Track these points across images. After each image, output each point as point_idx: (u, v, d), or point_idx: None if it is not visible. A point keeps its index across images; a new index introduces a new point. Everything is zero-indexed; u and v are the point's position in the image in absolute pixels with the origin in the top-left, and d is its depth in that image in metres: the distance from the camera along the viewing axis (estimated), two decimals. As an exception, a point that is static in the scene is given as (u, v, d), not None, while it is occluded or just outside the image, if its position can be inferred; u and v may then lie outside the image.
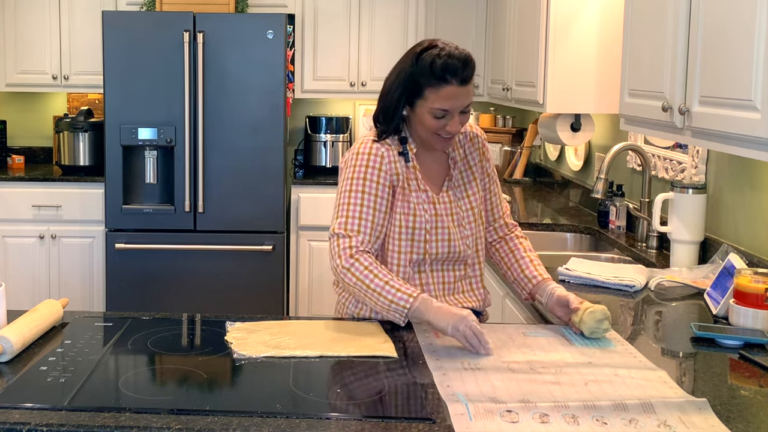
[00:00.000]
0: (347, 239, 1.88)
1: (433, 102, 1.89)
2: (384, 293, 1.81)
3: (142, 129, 4.21)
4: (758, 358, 1.74)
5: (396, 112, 1.95)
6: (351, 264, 1.86)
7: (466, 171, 2.08)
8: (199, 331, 1.93)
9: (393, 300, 1.81)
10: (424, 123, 1.93)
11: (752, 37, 1.77)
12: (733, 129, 1.85)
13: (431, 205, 1.99)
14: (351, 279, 1.85)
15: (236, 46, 4.18)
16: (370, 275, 1.83)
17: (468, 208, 2.05)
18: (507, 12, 4.05)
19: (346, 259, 1.86)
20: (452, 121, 1.92)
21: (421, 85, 1.89)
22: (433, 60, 1.87)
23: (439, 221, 1.99)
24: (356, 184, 1.93)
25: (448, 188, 2.04)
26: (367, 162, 1.94)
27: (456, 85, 1.87)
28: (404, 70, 1.92)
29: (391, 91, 1.95)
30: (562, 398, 1.46)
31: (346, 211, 1.91)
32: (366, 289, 1.83)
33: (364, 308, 2.04)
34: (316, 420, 1.37)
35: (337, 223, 1.91)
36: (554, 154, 4.46)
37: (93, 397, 1.46)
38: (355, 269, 1.85)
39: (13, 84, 4.82)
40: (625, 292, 2.30)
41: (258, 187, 4.26)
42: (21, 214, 4.55)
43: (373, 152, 1.95)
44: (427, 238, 1.98)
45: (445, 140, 1.97)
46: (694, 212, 2.60)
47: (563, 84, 3.31)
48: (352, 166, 1.96)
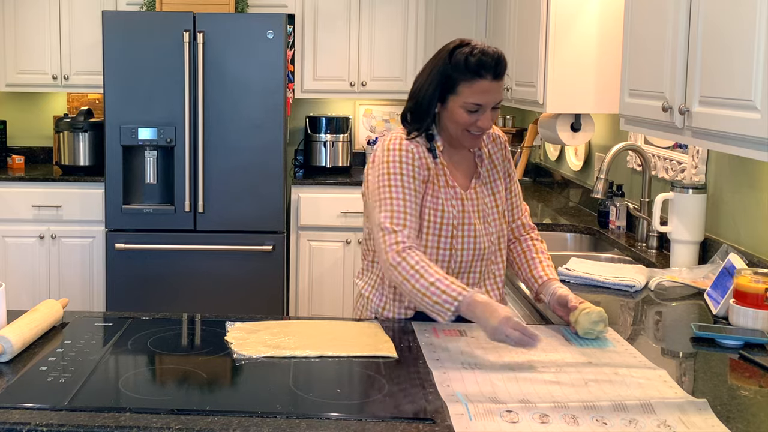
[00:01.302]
0: (394, 234, 1.88)
1: (466, 96, 1.91)
2: (429, 294, 1.80)
3: (142, 129, 4.21)
4: (758, 358, 1.74)
5: (429, 108, 1.97)
6: (398, 262, 1.85)
7: (491, 169, 2.11)
8: (199, 331, 1.93)
9: (437, 301, 1.80)
10: (456, 119, 1.95)
11: (752, 37, 1.77)
12: (733, 129, 1.85)
13: (459, 201, 2.01)
14: (398, 277, 1.86)
15: (236, 46, 4.18)
16: (416, 275, 1.83)
17: (493, 205, 2.08)
18: (507, 12, 4.05)
19: (393, 257, 1.86)
20: (484, 116, 1.94)
21: (454, 80, 1.92)
22: (467, 56, 1.90)
23: (466, 217, 2.01)
24: (395, 178, 1.94)
25: (475, 185, 2.06)
26: (401, 158, 1.95)
27: (490, 80, 1.91)
28: (437, 67, 1.95)
29: (424, 87, 1.97)
30: (562, 398, 1.46)
31: (390, 204, 1.91)
32: (411, 289, 1.83)
33: (388, 302, 2.04)
34: (316, 420, 1.37)
35: (382, 216, 1.91)
36: (554, 154, 4.46)
37: (93, 397, 1.46)
38: (401, 268, 1.85)
39: (13, 84, 4.82)
40: (625, 292, 2.30)
41: (258, 187, 4.26)
42: (21, 214, 4.55)
43: (404, 148, 1.96)
44: (453, 234, 2.00)
45: (475, 137, 1.99)
46: (694, 212, 2.60)
47: (563, 84, 3.31)
48: (386, 161, 1.96)
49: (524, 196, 4.21)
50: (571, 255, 2.77)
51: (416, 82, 2.02)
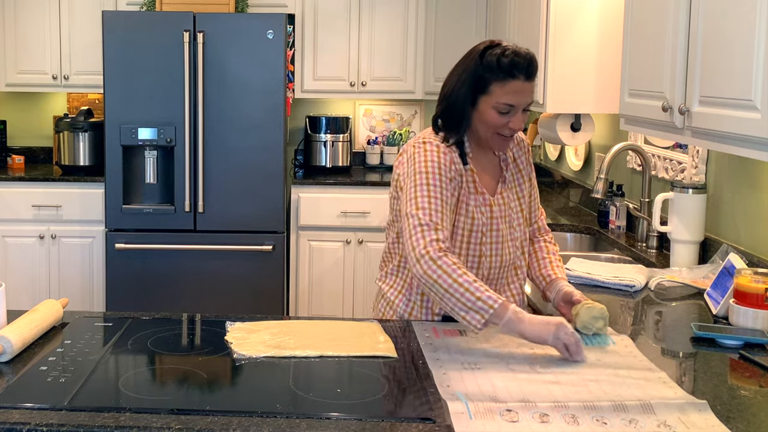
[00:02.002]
0: (435, 231, 1.82)
1: (499, 97, 1.89)
2: (472, 290, 1.73)
3: (142, 129, 4.21)
4: (758, 358, 1.74)
5: (464, 110, 1.93)
6: (439, 257, 1.79)
7: (516, 173, 2.09)
8: (199, 331, 1.93)
9: (480, 298, 1.72)
10: (488, 120, 1.92)
11: (752, 37, 1.77)
12: (733, 129, 1.85)
13: (488, 208, 1.99)
14: (437, 272, 1.77)
15: (236, 46, 4.18)
16: (459, 271, 1.76)
17: (518, 210, 2.06)
18: (507, 12, 4.05)
19: (434, 251, 1.79)
20: (515, 117, 1.92)
21: (487, 81, 1.90)
22: (500, 56, 1.89)
23: (494, 224, 1.99)
24: (432, 178, 1.89)
25: (502, 190, 2.04)
26: (437, 159, 1.91)
27: (522, 81, 1.89)
28: (469, 67, 1.92)
29: (456, 89, 1.94)
30: (562, 398, 1.46)
31: (428, 201, 1.86)
32: (452, 283, 1.75)
33: (415, 307, 2.02)
34: (316, 420, 1.37)
35: (421, 211, 1.85)
36: (554, 154, 4.46)
37: (93, 397, 1.46)
38: (443, 262, 1.77)
39: (13, 84, 4.82)
40: (625, 292, 2.30)
41: (258, 187, 4.26)
42: (21, 214, 4.55)
43: (441, 151, 1.93)
44: (482, 240, 1.98)
45: (505, 140, 1.97)
46: (694, 212, 2.60)
47: (563, 84, 3.31)
48: (423, 161, 1.91)
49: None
50: (571, 255, 2.77)
51: (446, 85, 1.99)
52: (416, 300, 2.02)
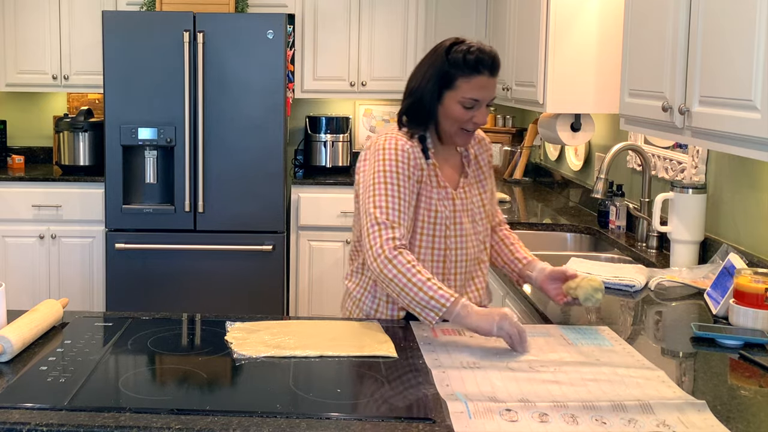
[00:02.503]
0: (391, 230, 1.88)
1: (465, 92, 1.95)
2: (425, 289, 1.80)
3: (142, 129, 4.21)
4: (758, 358, 1.74)
5: (430, 105, 1.98)
6: (395, 256, 1.85)
7: (478, 170, 2.14)
8: (199, 331, 1.93)
9: (433, 297, 1.80)
10: (453, 114, 1.97)
11: (752, 37, 1.77)
12: (733, 129, 1.85)
13: (450, 201, 2.03)
14: (392, 270, 1.83)
15: (236, 46, 4.18)
16: (413, 269, 1.83)
17: (480, 205, 2.11)
18: (507, 12, 4.05)
19: (390, 250, 1.85)
20: (479, 112, 1.97)
21: (452, 76, 1.95)
22: (466, 52, 1.94)
23: (457, 217, 2.04)
24: (390, 176, 1.94)
25: (463, 185, 2.09)
26: (397, 157, 1.95)
27: (487, 76, 1.95)
28: (435, 64, 1.97)
29: (422, 85, 1.99)
30: (562, 398, 1.46)
31: (385, 201, 1.91)
32: (407, 282, 1.82)
33: (381, 304, 2.05)
34: (316, 420, 1.37)
35: (378, 210, 1.90)
36: (554, 154, 4.46)
37: (93, 397, 1.46)
38: (398, 261, 1.84)
39: (13, 84, 4.82)
40: (625, 292, 2.30)
41: (258, 187, 4.26)
42: (21, 214, 4.56)
43: (400, 148, 1.97)
44: (446, 234, 2.02)
45: (468, 135, 2.02)
46: (694, 212, 2.60)
47: (563, 84, 3.31)
48: (381, 159, 1.96)
49: (524, 196, 4.23)
50: (571, 255, 2.77)
51: (411, 81, 2.04)
52: (382, 297, 2.05)
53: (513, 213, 3.68)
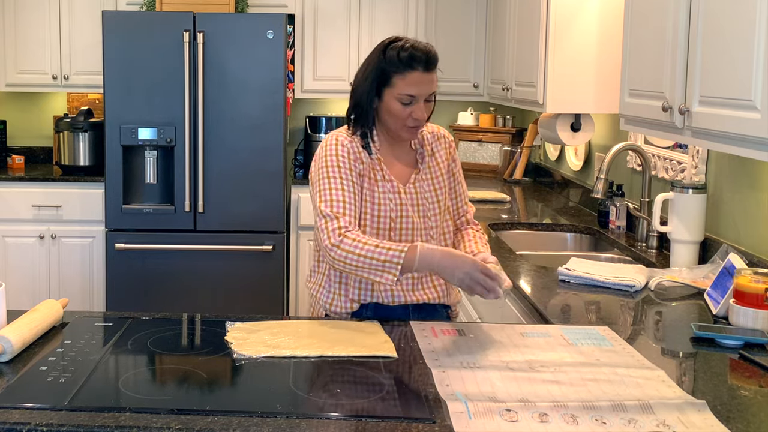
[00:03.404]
0: (335, 220, 1.94)
1: (401, 88, 2.00)
2: (376, 255, 1.87)
3: (142, 129, 4.21)
4: (758, 358, 1.74)
5: (369, 103, 2.05)
6: (340, 240, 1.91)
7: (433, 167, 2.17)
8: (199, 331, 1.93)
9: (386, 259, 1.86)
10: (392, 111, 2.03)
11: (752, 37, 1.77)
12: (733, 129, 1.85)
13: (396, 195, 2.07)
14: (341, 254, 1.89)
15: (236, 46, 4.18)
16: (360, 244, 1.89)
17: (434, 201, 2.14)
18: (507, 12, 4.05)
19: (335, 238, 1.92)
20: (417, 107, 2.02)
21: (389, 74, 2.01)
22: (399, 50, 2.01)
23: (404, 211, 2.07)
24: (332, 170, 2.01)
25: (415, 181, 2.12)
26: (336, 152, 2.04)
27: (421, 71, 2.00)
28: (372, 63, 2.05)
29: (362, 84, 2.06)
30: (561, 398, 1.46)
31: (329, 194, 1.98)
32: (357, 257, 1.88)
33: (335, 298, 2.09)
34: (316, 420, 1.37)
35: (323, 204, 1.97)
36: (554, 154, 4.46)
37: (93, 397, 1.46)
38: (344, 244, 1.90)
39: (13, 84, 4.82)
40: (625, 292, 2.30)
41: (258, 187, 4.26)
42: (21, 214, 4.55)
43: (339, 143, 2.05)
44: (391, 226, 2.06)
45: (412, 130, 2.07)
46: (694, 212, 2.60)
47: (563, 84, 3.31)
48: (324, 156, 2.05)
49: (524, 196, 4.22)
50: (571, 255, 2.77)
51: (355, 80, 2.11)
52: (335, 290, 2.10)
53: (513, 213, 3.68)
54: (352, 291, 2.07)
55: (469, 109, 5.10)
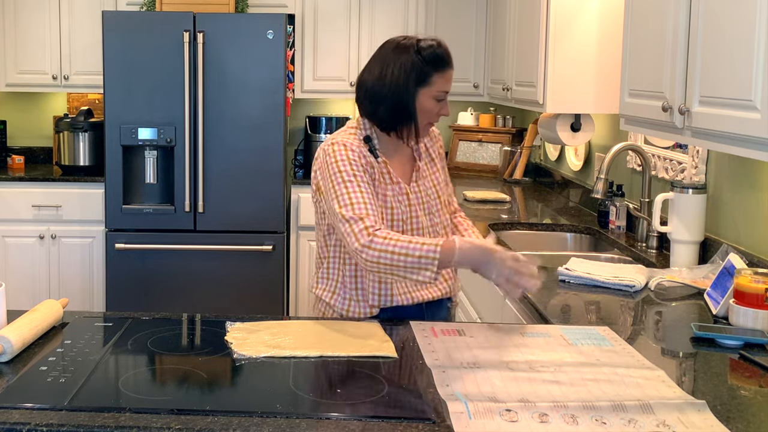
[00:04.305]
0: (360, 221, 1.89)
1: (440, 86, 2.03)
2: (411, 251, 1.82)
3: (142, 129, 4.21)
4: (758, 358, 1.74)
5: (413, 102, 2.02)
6: (370, 240, 1.86)
7: (429, 162, 2.19)
8: (199, 331, 1.93)
9: (422, 254, 1.82)
10: (426, 108, 2.04)
11: (752, 37, 1.77)
12: (733, 129, 1.85)
13: (405, 197, 2.07)
14: (373, 254, 1.84)
15: (236, 46, 4.18)
16: (392, 241, 1.84)
17: (435, 197, 2.14)
18: (507, 12, 4.05)
19: (364, 238, 1.87)
20: (445, 103, 2.07)
21: (428, 73, 2.01)
22: (435, 48, 2.02)
23: (413, 212, 2.07)
24: (347, 175, 1.96)
25: (416, 179, 2.13)
26: (347, 156, 1.99)
27: (451, 69, 2.06)
28: (407, 63, 2.00)
29: (400, 85, 2.01)
30: (562, 398, 1.46)
31: (348, 198, 1.93)
32: (391, 255, 1.83)
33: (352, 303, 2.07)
34: (316, 420, 1.37)
35: (344, 209, 1.92)
36: (554, 154, 4.46)
37: (93, 397, 1.46)
38: (375, 243, 1.85)
39: (13, 84, 4.82)
40: (625, 292, 2.30)
41: (258, 187, 4.26)
42: (21, 214, 4.56)
43: (348, 148, 2.01)
44: (403, 229, 2.05)
45: (430, 127, 2.11)
46: (694, 212, 2.60)
47: (563, 84, 3.31)
48: (334, 162, 1.99)
49: (524, 196, 4.23)
50: (571, 255, 2.77)
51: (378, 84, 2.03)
52: (352, 296, 2.08)
53: (513, 213, 3.68)
54: (372, 297, 2.04)
55: (469, 109, 5.10)
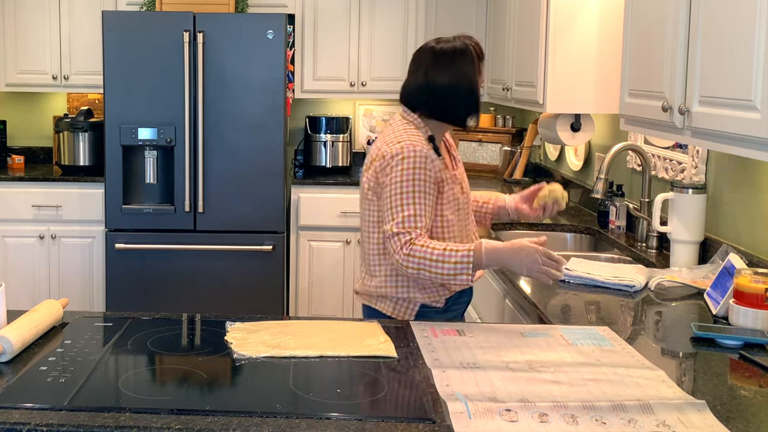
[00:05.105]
0: (406, 235, 1.99)
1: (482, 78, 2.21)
2: (446, 258, 1.93)
3: (142, 129, 4.21)
4: (758, 358, 1.74)
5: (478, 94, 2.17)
6: (409, 250, 1.97)
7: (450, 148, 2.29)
8: (199, 331, 1.93)
9: (457, 260, 1.93)
10: None
11: (752, 37, 1.77)
12: (733, 129, 1.85)
13: (459, 186, 2.19)
14: (413, 262, 1.96)
15: (236, 46, 4.18)
16: (428, 249, 1.95)
17: (465, 177, 2.28)
18: (507, 12, 4.05)
19: (405, 249, 1.97)
20: None
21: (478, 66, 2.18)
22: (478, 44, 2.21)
23: (464, 199, 2.20)
24: (407, 185, 2.02)
25: (453, 166, 2.23)
26: (416, 164, 2.04)
27: None
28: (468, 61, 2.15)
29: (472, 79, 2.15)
30: (561, 398, 1.46)
31: (400, 211, 2.01)
32: (429, 263, 1.94)
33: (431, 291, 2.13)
34: (316, 420, 1.37)
35: (393, 223, 2.01)
36: (554, 154, 4.46)
37: (93, 397, 1.46)
38: (413, 252, 1.96)
39: (13, 84, 4.82)
40: (625, 292, 2.30)
41: (258, 187, 4.26)
42: (21, 214, 4.56)
43: (428, 158, 2.06)
44: (467, 209, 2.21)
45: None
46: (694, 212, 2.60)
47: (563, 84, 3.31)
48: (402, 169, 2.04)
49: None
50: (571, 255, 2.77)
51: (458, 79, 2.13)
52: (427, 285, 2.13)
53: (513, 213, 3.68)
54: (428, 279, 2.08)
55: (469, 109, 5.09)
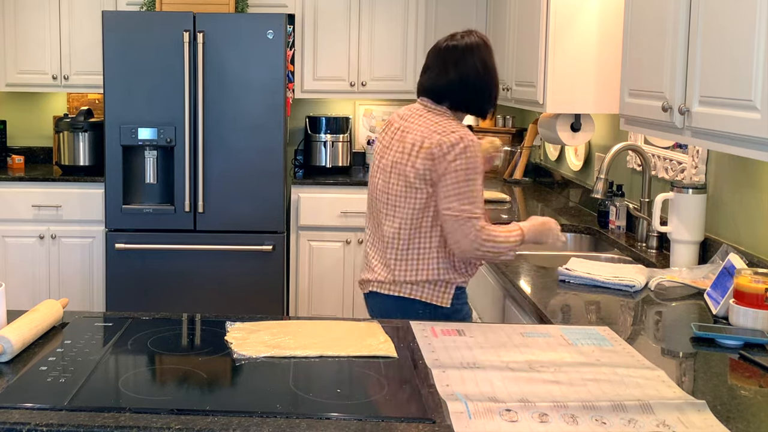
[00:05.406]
0: (480, 220, 2.21)
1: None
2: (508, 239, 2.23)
3: (142, 129, 4.21)
4: (758, 358, 1.74)
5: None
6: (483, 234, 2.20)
7: None
8: (199, 331, 1.93)
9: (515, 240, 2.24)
10: None
11: (752, 37, 1.77)
12: (733, 129, 1.85)
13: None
14: (486, 245, 2.20)
15: (236, 46, 4.19)
16: (494, 232, 2.22)
17: None
18: (507, 12, 4.05)
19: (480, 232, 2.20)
20: None
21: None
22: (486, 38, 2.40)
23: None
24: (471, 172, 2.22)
25: None
26: (475, 153, 2.23)
27: None
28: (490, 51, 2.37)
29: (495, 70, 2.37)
30: (561, 398, 1.46)
31: (471, 196, 2.21)
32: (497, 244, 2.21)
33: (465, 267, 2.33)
34: (316, 420, 1.37)
35: (471, 207, 2.20)
36: (554, 154, 4.46)
37: (93, 397, 1.46)
38: (487, 236, 2.20)
39: (13, 84, 4.82)
40: (625, 292, 2.30)
41: (258, 187, 4.26)
42: (21, 214, 4.56)
43: (475, 143, 2.25)
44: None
45: None
46: (694, 212, 2.60)
47: (563, 84, 3.31)
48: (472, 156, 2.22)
49: (524, 196, 4.22)
50: (571, 255, 2.77)
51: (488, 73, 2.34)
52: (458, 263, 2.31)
53: (513, 213, 3.68)
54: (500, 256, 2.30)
55: (469, 109, 5.09)
